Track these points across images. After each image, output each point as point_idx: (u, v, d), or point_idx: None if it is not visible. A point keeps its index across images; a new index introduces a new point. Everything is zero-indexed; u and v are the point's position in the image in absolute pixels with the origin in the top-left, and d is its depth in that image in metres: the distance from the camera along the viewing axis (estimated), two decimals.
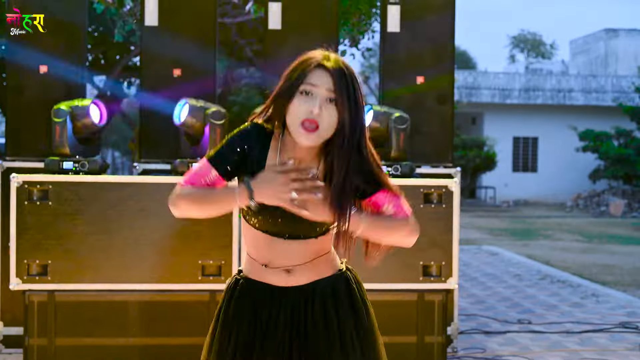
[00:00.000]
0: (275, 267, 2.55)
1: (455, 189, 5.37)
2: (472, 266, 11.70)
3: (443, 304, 5.41)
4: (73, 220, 5.04)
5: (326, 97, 2.40)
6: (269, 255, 2.55)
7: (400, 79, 6.34)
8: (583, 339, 6.89)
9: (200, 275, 5.15)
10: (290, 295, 2.56)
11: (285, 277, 2.56)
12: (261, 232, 2.54)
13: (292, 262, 2.55)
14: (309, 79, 2.40)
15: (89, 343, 5.15)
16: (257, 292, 2.58)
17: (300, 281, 2.57)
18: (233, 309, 2.59)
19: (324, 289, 2.58)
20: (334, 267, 2.64)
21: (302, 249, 2.55)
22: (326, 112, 2.40)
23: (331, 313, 2.56)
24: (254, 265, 2.59)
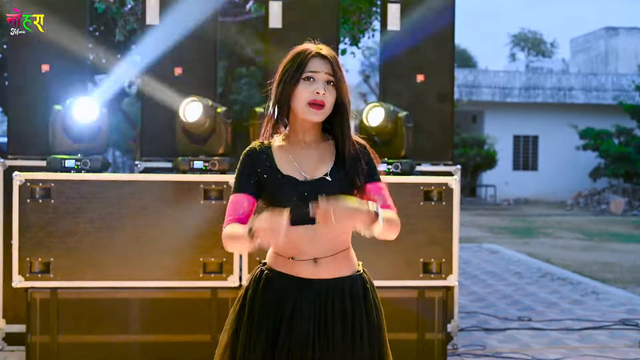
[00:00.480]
0: (303, 259, 2.73)
1: (455, 186, 5.39)
2: (473, 264, 11.73)
3: (443, 300, 5.44)
4: (75, 218, 5.07)
5: (326, 80, 2.74)
6: (298, 245, 2.72)
7: (400, 77, 6.37)
8: (583, 336, 6.91)
9: (201, 272, 5.17)
10: (315, 288, 2.74)
11: (312, 269, 2.74)
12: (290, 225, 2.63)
13: (319, 251, 2.73)
14: (309, 67, 2.74)
15: (91, 340, 5.18)
16: (284, 283, 2.75)
17: (325, 274, 2.75)
18: (260, 297, 2.76)
19: (344, 287, 2.76)
20: (353, 267, 2.83)
21: (328, 237, 2.72)
22: (328, 93, 2.74)
23: (348, 311, 2.74)
24: (280, 259, 2.77)
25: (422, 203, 5.34)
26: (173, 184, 5.22)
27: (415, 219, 5.32)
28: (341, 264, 2.77)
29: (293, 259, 2.74)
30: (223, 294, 5.25)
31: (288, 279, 2.75)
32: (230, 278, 5.19)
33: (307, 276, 2.74)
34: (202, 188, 5.20)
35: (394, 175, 5.56)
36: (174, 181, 5.23)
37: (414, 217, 5.32)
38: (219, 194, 5.21)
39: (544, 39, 57.78)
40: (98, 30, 10.50)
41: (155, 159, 6.07)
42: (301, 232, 2.70)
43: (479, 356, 6.14)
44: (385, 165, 5.63)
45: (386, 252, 5.28)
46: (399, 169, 5.60)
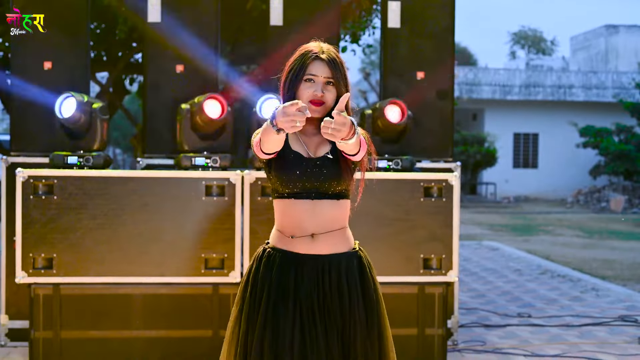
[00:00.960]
0: (301, 236, 2.99)
1: (455, 182, 5.42)
2: (473, 261, 11.76)
3: (443, 296, 5.47)
4: (78, 214, 5.10)
5: (325, 82, 3.01)
6: (297, 220, 2.99)
7: (400, 75, 6.40)
8: (582, 332, 6.95)
9: (203, 268, 5.21)
10: (311, 262, 2.98)
11: (309, 244, 2.99)
12: (291, 199, 2.99)
13: (316, 226, 2.99)
14: (309, 70, 3.02)
15: (93, 336, 5.21)
16: (284, 259, 3.00)
17: (321, 250, 3.00)
18: (262, 273, 3.01)
19: (339, 262, 3.01)
20: (349, 245, 3.08)
21: (326, 213, 2.99)
22: (327, 93, 3.01)
23: (343, 284, 2.98)
24: (282, 237, 3.03)
25: (422, 199, 5.37)
26: (175, 180, 5.25)
27: (416, 215, 5.35)
28: (337, 240, 3.03)
29: (292, 237, 2.99)
30: (224, 289, 5.28)
31: (288, 255, 3.00)
32: (231, 274, 5.23)
33: (304, 252, 2.99)
34: (203, 184, 5.23)
35: (394, 171, 5.60)
36: (175, 178, 5.26)
37: (414, 213, 5.35)
38: (221, 191, 5.24)
39: (544, 36, 57.79)
40: (99, 28, 10.51)
41: (157, 155, 6.11)
42: (301, 207, 2.99)
43: (479, 352, 6.17)
44: (386, 162, 5.67)
45: (387, 248, 5.32)
46: (399, 165, 5.63)
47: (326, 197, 3.00)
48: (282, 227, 3.04)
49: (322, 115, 3.02)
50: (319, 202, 2.99)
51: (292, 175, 2.97)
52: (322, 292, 2.96)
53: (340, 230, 3.03)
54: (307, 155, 3.02)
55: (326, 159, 3.01)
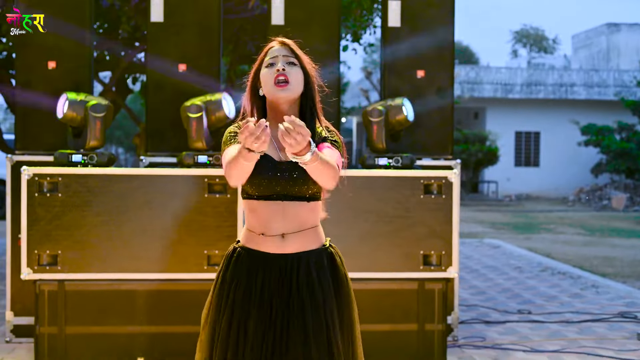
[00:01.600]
0: (271, 235, 2.95)
1: (455, 180, 5.48)
2: (474, 259, 11.81)
3: (443, 292, 5.53)
4: (82, 212, 5.17)
5: (286, 62, 2.97)
6: (267, 221, 2.95)
7: (401, 73, 6.46)
8: (582, 328, 7.00)
9: (205, 264, 5.27)
10: (281, 262, 2.95)
11: (279, 244, 2.95)
12: (261, 200, 2.94)
13: (286, 227, 2.95)
14: (269, 55, 3.01)
15: (97, 331, 5.28)
16: (253, 259, 2.97)
17: (291, 249, 2.96)
18: (231, 272, 3.00)
19: (309, 259, 2.97)
20: (319, 242, 3.03)
21: (295, 214, 2.95)
22: (291, 70, 2.97)
23: (314, 280, 2.95)
24: (252, 236, 2.99)
25: (422, 196, 5.42)
26: (178, 178, 5.31)
27: (415, 212, 5.41)
28: (308, 239, 2.98)
29: (263, 234, 2.95)
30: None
31: (257, 255, 2.96)
32: None
33: (274, 251, 2.95)
34: (206, 182, 5.30)
35: (394, 169, 5.66)
36: (178, 175, 5.33)
37: (414, 210, 5.41)
38: (223, 188, 5.31)
39: (546, 35, 57.83)
40: (102, 27, 10.57)
41: (160, 154, 6.17)
42: (271, 208, 2.94)
43: (479, 347, 6.23)
44: (386, 159, 5.73)
45: (386, 245, 5.38)
46: (399, 163, 5.69)
47: (297, 199, 2.94)
48: (251, 226, 3.00)
49: (290, 99, 2.97)
50: (290, 203, 2.94)
51: (262, 179, 2.91)
52: (290, 290, 2.92)
53: (311, 229, 3.00)
54: (277, 158, 2.95)
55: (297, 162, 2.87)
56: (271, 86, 2.95)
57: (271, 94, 2.97)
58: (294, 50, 3.02)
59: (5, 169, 6.02)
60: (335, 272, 3.01)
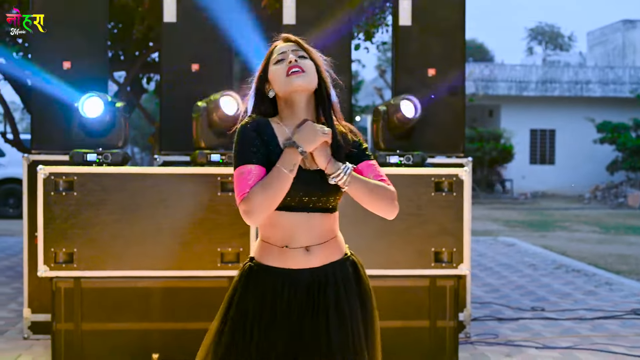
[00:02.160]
0: (295, 247, 2.74)
1: (466, 177, 5.51)
2: (488, 256, 11.82)
3: (454, 289, 5.56)
4: (97, 210, 5.23)
5: (296, 57, 2.81)
6: (291, 233, 2.73)
7: (412, 72, 6.49)
8: (595, 325, 7.02)
9: (219, 262, 5.32)
10: (307, 277, 2.75)
11: (304, 258, 2.75)
12: (284, 211, 2.72)
13: (312, 239, 2.75)
14: (276, 52, 2.84)
15: (112, 327, 5.34)
16: (275, 277, 2.75)
17: (316, 262, 2.76)
18: (252, 293, 2.76)
19: (335, 273, 2.78)
20: (341, 251, 2.86)
21: (320, 225, 2.76)
22: (303, 62, 2.80)
23: (342, 296, 2.76)
24: (271, 250, 2.76)
25: (433, 194, 5.46)
26: (191, 176, 5.37)
27: (426, 210, 5.45)
28: (331, 250, 2.79)
29: (287, 247, 2.74)
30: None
31: (279, 273, 2.75)
32: None
33: (298, 266, 2.75)
34: (219, 180, 5.35)
35: (405, 167, 5.70)
36: (191, 174, 5.38)
37: (425, 207, 5.45)
38: None
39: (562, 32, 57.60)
40: (116, 27, 10.66)
41: (174, 152, 6.24)
42: (296, 219, 2.73)
43: (491, 344, 6.26)
44: (397, 157, 5.77)
45: (398, 242, 5.42)
46: (410, 160, 5.73)
47: (322, 210, 2.76)
48: (270, 239, 2.77)
49: (307, 92, 2.78)
50: (314, 215, 2.74)
51: (290, 189, 2.67)
52: (317, 307, 2.73)
53: (333, 239, 2.80)
54: (304, 167, 2.74)
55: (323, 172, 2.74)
56: (284, 78, 2.76)
57: (286, 87, 2.76)
58: (302, 44, 2.86)
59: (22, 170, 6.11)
60: (360, 284, 2.84)
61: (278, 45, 2.87)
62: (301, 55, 2.81)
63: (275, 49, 2.86)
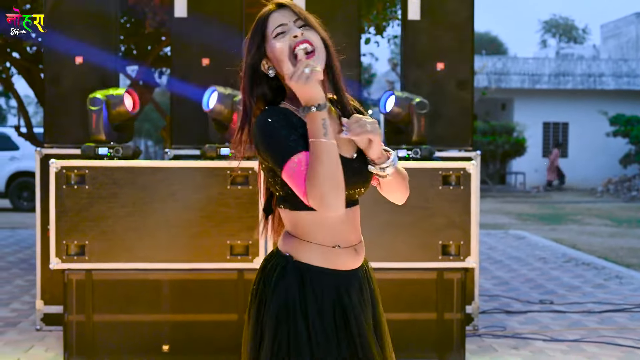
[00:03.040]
0: (346, 247, 2.44)
1: (473, 171, 5.55)
2: (498, 250, 11.85)
3: (462, 282, 5.60)
4: (108, 203, 5.30)
5: (298, 27, 2.40)
6: (341, 232, 2.43)
7: (421, 66, 6.53)
8: (603, 319, 7.04)
9: (228, 255, 5.38)
10: (357, 277, 2.49)
11: (354, 257, 2.47)
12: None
13: (357, 237, 2.48)
14: (273, 23, 2.41)
15: (123, 319, 5.41)
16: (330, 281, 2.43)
17: (359, 262, 2.51)
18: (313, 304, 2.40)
19: (367, 271, 2.56)
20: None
21: (356, 221, 2.48)
22: (308, 33, 2.39)
23: (377, 294, 2.57)
24: (319, 251, 2.41)
25: (441, 187, 5.50)
26: (201, 170, 5.43)
27: (434, 203, 5.49)
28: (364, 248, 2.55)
29: (339, 247, 2.43)
30: (249, 275, 5.45)
31: (333, 276, 2.43)
32: (255, 260, 5.40)
33: (348, 267, 2.46)
34: (228, 174, 5.40)
35: (413, 160, 5.74)
36: (201, 167, 5.44)
37: (432, 201, 5.49)
38: (245, 180, 5.42)
39: (576, 24, 57.37)
40: (129, 22, 10.72)
41: (185, 146, 6.30)
42: (339, 218, 2.40)
43: (498, 337, 6.30)
44: (405, 151, 5.81)
45: (405, 235, 5.47)
46: (418, 154, 5.77)
47: (356, 203, 2.48)
48: (318, 239, 2.40)
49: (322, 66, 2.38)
50: (353, 209, 2.46)
51: None
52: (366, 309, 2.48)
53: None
54: (346, 155, 2.39)
55: (361, 159, 2.44)
56: (291, 60, 2.36)
57: (297, 71, 2.31)
58: (300, 12, 2.43)
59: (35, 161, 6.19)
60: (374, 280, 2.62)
61: (272, 14, 2.42)
62: (302, 25, 2.40)
63: (269, 18, 2.41)
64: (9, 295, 7.81)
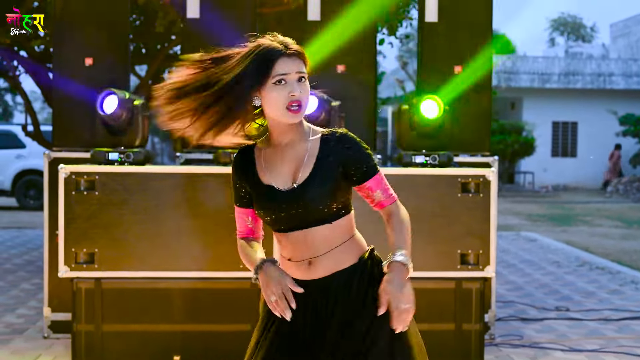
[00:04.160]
0: (297, 260, 2.68)
1: (493, 178, 5.42)
2: (511, 252, 11.71)
3: (480, 291, 5.47)
4: (119, 210, 5.18)
5: (297, 79, 2.60)
6: (291, 249, 2.68)
7: (438, 69, 6.39)
8: (620, 327, 6.91)
9: (241, 263, 5.24)
10: (311, 289, 2.65)
11: (306, 270, 2.67)
12: (278, 232, 2.71)
13: (312, 252, 2.65)
14: (277, 70, 2.59)
15: (134, 329, 5.30)
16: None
17: (319, 274, 2.67)
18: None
19: (338, 284, 2.65)
20: (355, 255, 2.71)
21: (321, 238, 2.65)
22: (302, 90, 2.61)
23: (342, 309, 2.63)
24: (282, 261, 2.74)
25: (460, 195, 5.37)
26: (214, 176, 5.31)
27: (453, 211, 5.36)
28: (339, 258, 2.67)
29: (290, 260, 2.69)
30: None
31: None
32: None
33: (301, 277, 2.67)
34: None
35: (431, 167, 5.60)
36: (214, 174, 5.32)
37: (451, 209, 5.36)
38: None
39: (584, 23, 57.17)
40: (138, 20, 10.61)
41: (196, 150, 6.17)
42: (294, 239, 2.66)
43: (516, 346, 6.17)
44: (423, 157, 5.67)
45: (423, 244, 5.33)
46: (436, 160, 5.63)
47: (318, 223, 2.65)
48: (280, 251, 2.76)
49: (300, 119, 2.65)
50: (311, 230, 2.64)
51: (272, 214, 2.65)
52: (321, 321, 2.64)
53: (341, 246, 2.67)
54: (283, 187, 2.65)
55: (308, 185, 2.62)
56: (283, 110, 2.59)
57: (280, 117, 2.62)
58: (304, 63, 2.64)
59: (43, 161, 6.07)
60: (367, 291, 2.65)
61: (281, 61, 2.59)
62: (302, 76, 2.61)
63: (277, 63, 2.59)
64: (16, 300, 7.70)
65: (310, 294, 2.65)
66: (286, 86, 2.58)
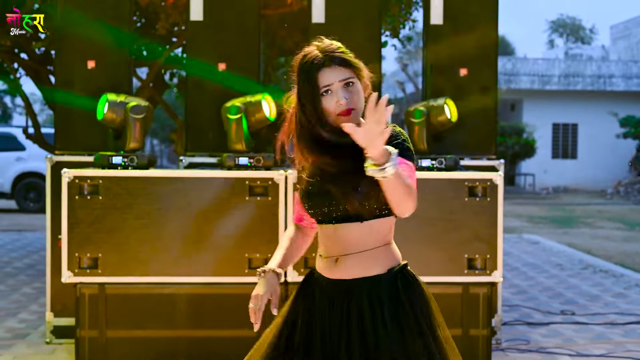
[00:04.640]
0: (327, 257, 2.68)
1: (500, 182, 5.37)
2: (513, 256, 11.66)
3: (488, 296, 5.42)
4: (123, 214, 5.13)
5: (342, 85, 2.57)
6: (323, 243, 2.70)
7: (443, 72, 6.35)
8: (627, 331, 6.86)
9: (246, 268, 5.21)
10: (333, 288, 2.65)
11: (333, 268, 2.65)
12: (318, 224, 2.70)
13: (340, 250, 2.63)
14: (321, 82, 2.57)
15: (138, 335, 5.25)
16: (313, 282, 2.73)
17: (344, 274, 2.63)
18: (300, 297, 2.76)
19: (361, 290, 2.60)
20: (384, 265, 2.64)
21: (351, 236, 2.62)
22: (351, 94, 2.58)
23: (366, 317, 2.57)
24: (317, 258, 2.75)
25: (467, 199, 5.32)
26: (218, 180, 5.25)
27: (460, 215, 5.31)
28: (368, 263, 2.61)
29: (321, 256, 2.70)
30: None
31: (315, 278, 2.73)
32: None
33: (328, 276, 2.66)
34: (247, 184, 5.23)
35: (438, 170, 5.55)
36: (219, 177, 5.27)
37: (458, 213, 5.31)
38: (264, 191, 5.24)
39: (583, 24, 57.20)
40: (139, 21, 10.55)
41: (200, 154, 6.12)
42: (325, 232, 2.67)
43: (523, 351, 6.11)
44: (429, 160, 5.62)
45: (431, 248, 5.29)
46: (443, 164, 5.58)
47: (348, 220, 2.61)
48: (319, 248, 2.74)
49: (356, 122, 2.53)
50: (341, 225, 2.62)
51: (304, 201, 2.68)
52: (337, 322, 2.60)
53: (372, 250, 2.62)
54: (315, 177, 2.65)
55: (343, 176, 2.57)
56: (335, 117, 2.57)
57: (335, 124, 2.58)
58: (348, 67, 2.59)
59: (44, 163, 6.02)
60: (397, 303, 2.59)
61: (322, 73, 2.57)
62: (349, 81, 2.57)
63: (319, 75, 2.57)
64: (17, 304, 7.63)
65: (329, 292, 2.65)
66: (333, 95, 2.57)
